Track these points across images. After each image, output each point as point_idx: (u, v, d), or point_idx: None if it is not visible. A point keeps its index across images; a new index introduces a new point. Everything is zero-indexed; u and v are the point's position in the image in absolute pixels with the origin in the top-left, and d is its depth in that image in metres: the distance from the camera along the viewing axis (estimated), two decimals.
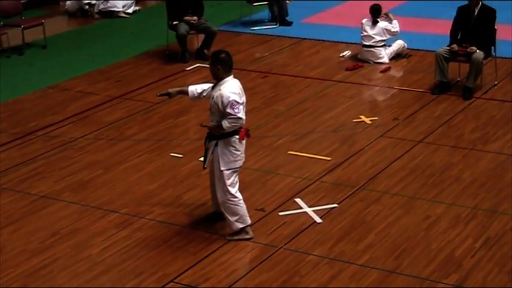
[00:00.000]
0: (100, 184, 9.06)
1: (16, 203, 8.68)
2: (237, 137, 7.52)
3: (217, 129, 7.48)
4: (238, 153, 7.56)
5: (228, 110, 7.36)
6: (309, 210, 8.34)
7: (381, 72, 12.58)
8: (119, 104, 11.54)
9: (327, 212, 8.30)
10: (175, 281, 7.19)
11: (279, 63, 13.12)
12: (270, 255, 7.53)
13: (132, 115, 11.09)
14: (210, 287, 7.09)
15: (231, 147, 7.52)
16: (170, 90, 8.02)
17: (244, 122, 7.50)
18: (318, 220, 8.15)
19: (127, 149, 9.99)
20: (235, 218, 7.67)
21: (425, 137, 10.07)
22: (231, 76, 7.57)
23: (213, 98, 7.54)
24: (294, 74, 12.58)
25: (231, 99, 7.36)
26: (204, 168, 7.77)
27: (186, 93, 7.95)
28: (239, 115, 7.37)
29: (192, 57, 13.34)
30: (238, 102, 7.37)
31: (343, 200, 8.54)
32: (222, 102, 7.38)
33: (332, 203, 8.47)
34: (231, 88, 7.45)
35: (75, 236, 7.98)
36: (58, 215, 8.41)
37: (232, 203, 7.61)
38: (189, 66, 13.06)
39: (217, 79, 7.58)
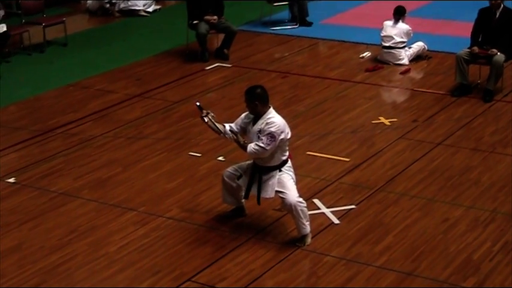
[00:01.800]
0: (118, 182, 9.10)
1: (35, 200, 8.74)
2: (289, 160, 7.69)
3: (241, 148, 7.60)
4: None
5: (263, 137, 7.39)
6: (326, 211, 8.33)
7: (401, 73, 12.54)
8: (138, 102, 11.57)
9: (345, 213, 8.29)
10: (193, 279, 7.20)
11: (299, 64, 13.11)
12: (287, 256, 7.53)
13: (151, 114, 11.12)
14: (227, 287, 7.10)
15: (291, 169, 7.64)
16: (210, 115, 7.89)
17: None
18: (336, 221, 8.14)
19: (146, 147, 10.02)
20: (307, 220, 7.64)
21: (445, 139, 10.03)
22: (271, 108, 7.58)
23: (256, 131, 7.50)
24: (313, 75, 12.57)
25: (274, 130, 7.38)
26: (259, 203, 7.80)
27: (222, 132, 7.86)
28: (267, 148, 7.38)
29: (212, 57, 13.36)
30: (276, 139, 7.37)
31: (361, 202, 8.53)
32: (266, 127, 7.39)
33: (350, 204, 8.46)
34: (280, 120, 7.50)
35: (93, 233, 8.02)
36: (76, 212, 8.46)
37: (303, 205, 7.57)
38: (209, 65, 13.08)
39: (256, 115, 7.58)
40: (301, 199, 7.60)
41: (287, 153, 7.64)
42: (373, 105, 11.32)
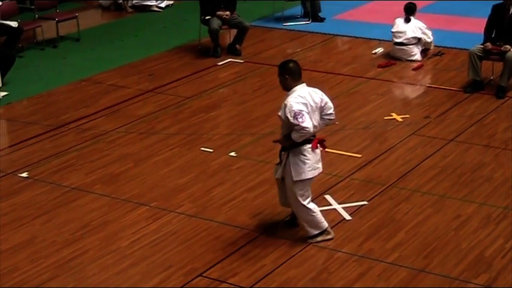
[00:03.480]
0: (130, 177, 9.12)
1: (48, 195, 8.77)
2: (309, 146, 7.34)
3: (288, 141, 7.30)
4: (310, 162, 7.35)
5: (293, 121, 7.13)
6: (338, 207, 8.33)
7: (413, 69, 12.50)
8: (150, 97, 11.59)
9: (357, 209, 8.28)
10: (204, 275, 7.21)
11: (311, 60, 13.10)
12: (298, 252, 7.53)
13: (163, 109, 11.14)
14: (238, 282, 7.10)
15: (302, 156, 7.32)
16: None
17: (313, 129, 7.25)
18: (348, 217, 8.13)
19: (158, 142, 10.03)
20: (309, 225, 7.58)
21: (457, 136, 10.00)
22: (302, 84, 7.35)
23: (281, 108, 7.30)
24: (325, 71, 12.55)
25: (293, 108, 7.12)
26: (276, 178, 7.66)
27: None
28: (304, 124, 7.11)
29: (224, 52, 13.36)
30: (301, 112, 7.11)
31: (373, 198, 8.51)
32: (288, 113, 7.17)
33: (362, 201, 8.45)
34: (296, 97, 7.21)
35: (105, 228, 8.04)
36: (89, 207, 8.48)
37: (308, 213, 7.50)
38: (221, 61, 13.08)
39: (286, 89, 7.37)
40: (304, 204, 7.43)
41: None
42: (386, 101, 11.29)
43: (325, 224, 7.64)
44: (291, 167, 7.35)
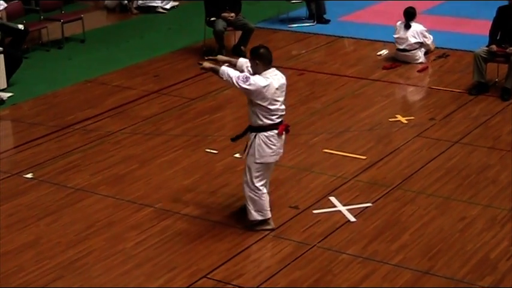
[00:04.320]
0: (135, 178, 9.13)
1: (53, 195, 8.78)
2: (276, 131, 7.54)
3: (215, 72, 7.52)
4: (275, 148, 7.59)
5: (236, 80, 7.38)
6: (343, 208, 8.33)
7: (418, 71, 12.50)
8: (155, 99, 11.60)
9: (361, 211, 8.28)
10: (208, 276, 7.22)
11: (316, 61, 13.10)
12: (303, 253, 7.53)
13: (168, 110, 11.15)
14: (243, 284, 7.11)
15: (268, 141, 7.55)
16: (219, 57, 8.04)
17: (282, 110, 7.52)
18: (352, 219, 8.13)
19: (163, 143, 10.05)
20: (255, 208, 7.74)
21: (462, 138, 10.00)
22: (272, 69, 7.56)
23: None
24: (330, 72, 12.55)
25: (252, 76, 7.40)
26: (242, 158, 7.80)
27: (233, 64, 7.84)
28: (234, 80, 7.32)
29: (229, 54, 13.36)
30: (248, 81, 7.32)
31: (377, 200, 8.51)
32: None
33: (366, 202, 8.45)
34: (270, 78, 7.45)
35: (110, 229, 8.05)
36: (94, 208, 8.49)
37: (256, 195, 7.68)
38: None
39: (255, 74, 7.55)
40: (257, 185, 7.62)
41: (271, 121, 7.49)
42: (390, 103, 11.29)
43: (269, 214, 7.80)
44: (255, 148, 7.54)
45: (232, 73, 7.43)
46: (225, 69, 7.48)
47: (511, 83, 11.25)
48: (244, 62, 7.81)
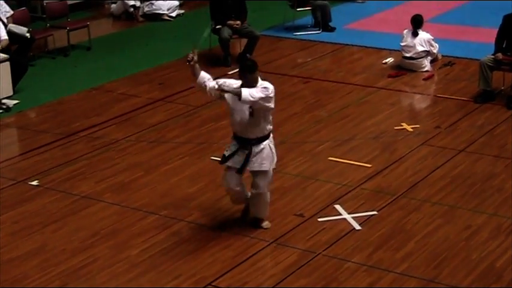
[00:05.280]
0: (140, 186, 9.13)
1: (58, 203, 8.79)
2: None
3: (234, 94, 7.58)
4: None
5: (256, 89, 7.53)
6: (348, 216, 8.32)
7: (424, 79, 12.49)
8: (161, 106, 11.62)
9: (366, 219, 8.27)
10: (213, 284, 7.21)
11: (321, 69, 13.11)
12: (308, 261, 7.52)
13: (173, 118, 11.16)
14: None
15: (273, 146, 7.85)
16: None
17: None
18: (357, 227, 8.12)
19: (168, 151, 10.05)
20: (267, 209, 8.04)
21: (468, 146, 9.98)
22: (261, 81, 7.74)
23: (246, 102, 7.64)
24: (336, 80, 12.55)
25: (267, 85, 7.59)
26: (229, 167, 7.87)
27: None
28: (261, 95, 7.47)
29: (235, 62, 13.38)
30: (268, 91, 7.51)
31: (382, 208, 8.50)
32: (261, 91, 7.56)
33: (371, 210, 8.44)
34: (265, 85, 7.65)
35: (115, 236, 8.05)
36: (99, 215, 8.50)
37: (268, 198, 7.97)
38: (231, 70, 13.09)
39: (255, 84, 7.63)
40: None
41: (271, 126, 7.80)
42: (396, 111, 11.28)
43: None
44: (272, 156, 7.80)
45: (255, 92, 7.47)
46: (245, 91, 7.46)
47: None
48: (238, 83, 7.75)
